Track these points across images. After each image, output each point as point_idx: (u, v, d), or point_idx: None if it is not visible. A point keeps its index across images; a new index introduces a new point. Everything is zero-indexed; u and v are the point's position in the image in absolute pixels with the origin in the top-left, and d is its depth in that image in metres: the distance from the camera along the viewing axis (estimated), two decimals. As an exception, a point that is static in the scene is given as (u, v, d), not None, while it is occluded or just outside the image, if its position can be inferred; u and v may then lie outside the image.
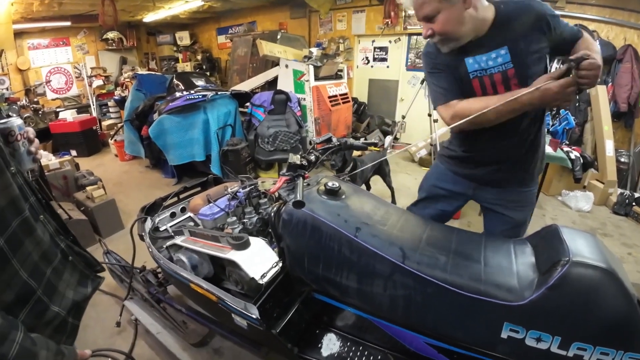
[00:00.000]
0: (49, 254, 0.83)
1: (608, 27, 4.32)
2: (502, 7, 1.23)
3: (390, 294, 1.03)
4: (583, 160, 3.82)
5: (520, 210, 1.46)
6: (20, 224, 0.75)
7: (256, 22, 7.51)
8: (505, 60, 1.24)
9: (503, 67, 1.25)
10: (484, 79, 1.29)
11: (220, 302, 1.20)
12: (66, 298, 0.87)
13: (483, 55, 1.26)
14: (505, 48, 1.23)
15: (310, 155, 1.27)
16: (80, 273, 0.96)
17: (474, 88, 1.31)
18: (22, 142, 0.88)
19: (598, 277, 0.82)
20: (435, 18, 1.17)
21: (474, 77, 1.29)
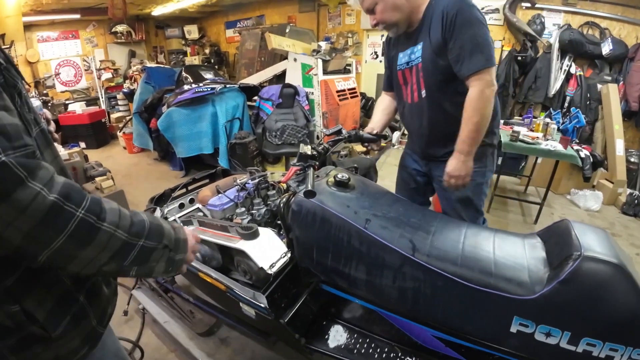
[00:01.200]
0: None
1: (620, 25, 4.26)
2: (433, 3, 1.37)
3: (399, 286, 1.03)
4: (593, 159, 3.78)
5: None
6: None
7: (264, 15, 7.50)
8: (418, 55, 1.42)
9: (416, 61, 1.44)
10: (405, 71, 1.51)
11: (228, 291, 1.21)
12: None
13: (408, 50, 1.47)
14: (421, 44, 1.41)
15: (319, 147, 1.26)
16: None
17: (399, 80, 1.57)
18: None
19: (609, 272, 0.81)
20: (375, 9, 1.38)
21: (399, 69, 1.54)
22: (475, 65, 1.28)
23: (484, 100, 1.31)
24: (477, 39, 1.28)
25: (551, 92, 4.54)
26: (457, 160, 1.40)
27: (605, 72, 4.37)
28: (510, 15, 4.61)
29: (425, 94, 1.47)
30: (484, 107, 1.32)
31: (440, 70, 1.38)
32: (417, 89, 1.50)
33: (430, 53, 1.37)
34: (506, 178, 4.34)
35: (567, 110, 4.48)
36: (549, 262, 0.96)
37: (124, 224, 0.65)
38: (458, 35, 1.28)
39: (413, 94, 1.52)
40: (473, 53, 1.28)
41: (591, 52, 4.32)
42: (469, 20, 1.27)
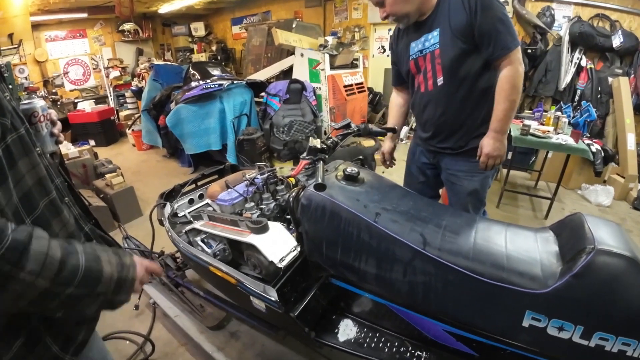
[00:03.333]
0: (74, 237, 0.82)
1: (630, 18, 4.18)
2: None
3: (410, 280, 1.02)
4: (604, 154, 3.71)
5: (470, 179, 1.61)
6: (47, 204, 0.74)
7: (271, 11, 7.48)
8: (435, 41, 1.41)
9: (433, 47, 1.42)
10: (418, 59, 1.50)
11: (239, 285, 1.22)
12: None
13: (422, 37, 1.45)
14: (437, 30, 1.39)
15: (328, 141, 1.26)
16: None
17: (410, 67, 1.56)
18: (45, 123, 0.86)
19: (623, 265, 0.80)
20: (384, 2, 1.37)
21: (412, 58, 1.52)
22: (508, 45, 1.31)
23: (519, 78, 1.35)
24: (504, 20, 1.31)
25: (562, 86, 4.47)
26: (494, 140, 1.42)
27: (616, 65, 4.29)
28: (520, 8, 4.54)
29: (442, 80, 1.46)
30: (520, 85, 1.36)
31: (462, 55, 1.38)
32: (433, 76, 1.48)
33: (451, 37, 1.36)
34: (516, 173, 4.29)
35: (578, 103, 4.40)
36: (561, 255, 0.94)
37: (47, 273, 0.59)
38: (485, 18, 1.29)
39: (427, 81, 1.52)
40: (503, 34, 1.30)
41: (602, 44, 4.24)
42: (491, 3, 1.29)
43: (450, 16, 1.35)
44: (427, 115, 1.63)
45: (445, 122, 1.54)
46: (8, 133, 0.65)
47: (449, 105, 1.52)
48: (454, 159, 1.63)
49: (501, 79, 1.37)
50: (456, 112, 1.51)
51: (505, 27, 1.31)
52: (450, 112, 1.52)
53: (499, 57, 1.34)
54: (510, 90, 1.36)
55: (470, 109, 1.47)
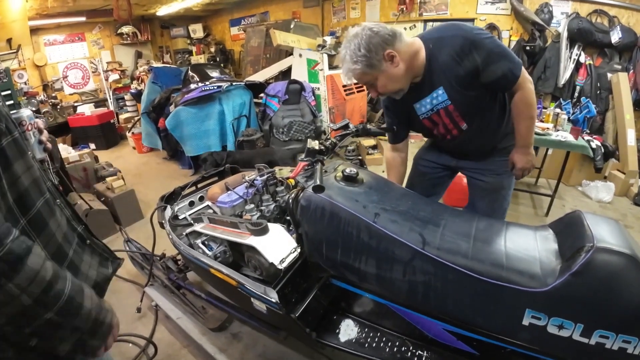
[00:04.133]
0: (68, 236, 0.84)
1: (629, 13, 4.18)
2: (432, 47, 1.34)
3: (410, 280, 1.03)
4: (604, 150, 3.71)
5: (496, 176, 1.61)
6: (43, 204, 0.76)
7: (269, 12, 7.48)
8: (444, 99, 1.39)
9: (444, 104, 1.41)
10: (432, 117, 1.48)
11: (239, 287, 1.22)
12: (89, 278, 0.86)
13: (426, 98, 1.43)
14: (441, 88, 1.38)
15: (327, 142, 1.27)
16: (99, 255, 0.96)
17: (426, 125, 1.54)
18: (32, 131, 0.89)
19: (623, 263, 0.80)
20: (375, 84, 1.34)
21: (423, 118, 1.50)
22: (516, 73, 1.32)
23: (532, 95, 1.39)
24: (500, 51, 1.30)
25: (561, 82, 4.47)
26: (524, 155, 1.49)
27: (615, 61, 4.28)
28: (518, 5, 4.53)
29: (466, 126, 1.48)
30: (533, 100, 1.39)
31: (476, 100, 1.40)
32: (456, 126, 1.49)
33: (459, 91, 1.37)
34: (516, 170, 4.28)
35: (577, 100, 4.40)
36: (561, 253, 0.95)
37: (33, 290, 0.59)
38: (491, 64, 1.29)
39: (451, 131, 1.52)
40: (507, 65, 1.31)
41: (600, 40, 4.23)
42: (482, 42, 1.28)
43: (446, 73, 1.34)
44: (458, 151, 1.65)
45: (477, 149, 1.58)
46: (3, 137, 0.67)
47: (480, 140, 1.55)
48: (479, 160, 1.64)
49: (516, 102, 1.40)
50: (488, 140, 1.55)
51: (504, 57, 1.30)
52: (481, 143, 1.56)
53: (511, 88, 1.37)
54: (526, 110, 1.40)
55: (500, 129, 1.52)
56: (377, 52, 1.25)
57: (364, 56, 1.25)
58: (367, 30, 1.25)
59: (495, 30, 4.86)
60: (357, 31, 1.27)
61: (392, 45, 1.27)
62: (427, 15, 5.44)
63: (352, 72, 1.32)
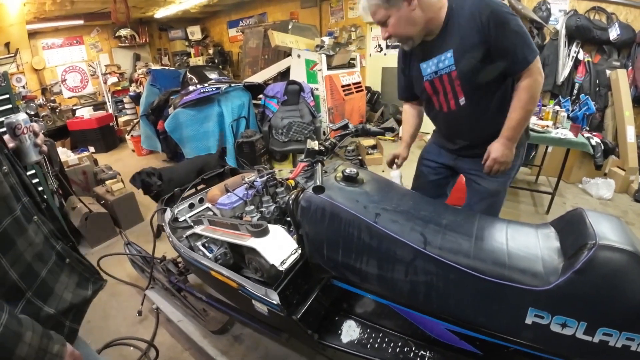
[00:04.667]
0: (44, 255, 0.82)
1: (627, 10, 4.18)
2: (454, 7, 1.31)
3: (411, 280, 1.02)
4: (604, 147, 3.71)
5: (494, 180, 1.57)
6: (11, 222, 0.75)
7: (267, 13, 7.48)
8: (450, 63, 1.36)
9: (448, 69, 1.37)
10: (434, 81, 1.44)
11: (240, 289, 1.21)
12: (63, 300, 0.85)
13: (434, 58, 1.40)
14: (450, 51, 1.34)
15: (326, 142, 1.26)
16: (79, 275, 0.94)
17: (427, 91, 1.50)
18: (28, 135, 0.92)
19: (625, 260, 0.80)
20: (387, 22, 1.31)
21: (426, 80, 1.46)
22: (527, 58, 1.28)
23: (538, 87, 1.33)
24: (520, 32, 1.26)
25: (560, 80, 4.46)
26: (504, 147, 1.40)
27: (614, 58, 4.28)
28: (516, 3, 4.52)
29: (464, 101, 1.43)
30: (537, 95, 1.34)
31: (482, 73, 1.34)
32: (454, 97, 1.44)
33: (467, 58, 1.32)
34: (516, 168, 4.28)
35: (577, 97, 4.39)
36: (563, 251, 0.94)
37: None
38: (500, 35, 1.25)
39: (449, 102, 1.47)
40: (520, 47, 1.27)
41: (599, 37, 4.23)
42: (505, 18, 1.25)
43: (462, 36, 1.30)
44: (452, 132, 1.60)
45: (472, 137, 1.52)
46: None
47: (475, 122, 1.49)
48: (476, 160, 1.57)
49: (519, 88, 1.34)
50: (484, 126, 1.47)
51: (522, 39, 1.27)
52: (477, 128, 1.49)
53: (519, 71, 1.31)
54: (527, 100, 1.33)
55: (497, 119, 1.43)
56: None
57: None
58: None
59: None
60: None
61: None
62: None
63: (369, 2, 1.31)
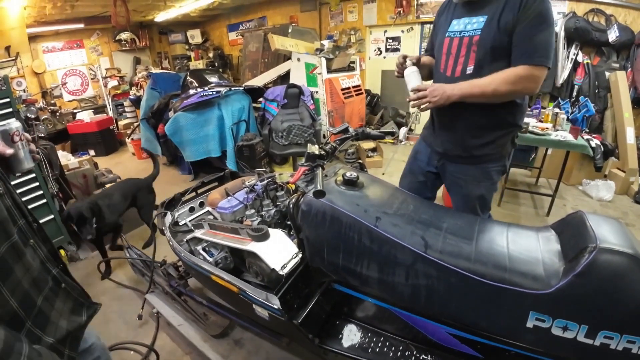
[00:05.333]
0: (40, 281, 0.80)
1: (626, 11, 4.19)
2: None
3: (412, 283, 1.02)
4: (604, 149, 3.72)
5: (477, 184, 1.57)
6: (8, 249, 0.72)
7: (266, 17, 7.50)
8: (478, 27, 1.34)
9: (474, 32, 1.35)
10: (454, 40, 1.42)
11: (241, 293, 1.21)
12: (60, 328, 0.82)
13: (467, 18, 1.38)
14: (485, 17, 1.33)
15: (327, 146, 1.26)
16: (74, 300, 0.91)
17: (443, 47, 1.47)
18: (24, 142, 0.90)
19: (626, 263, 0.80)
20: None
21: (447, 36, 1.44)
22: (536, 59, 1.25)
23: (520, 84, 1.28)
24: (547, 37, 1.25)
25: (559, 82, 4.47)
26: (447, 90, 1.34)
27: (613, 60, 4.29)
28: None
29: (472, 70, 1.37)
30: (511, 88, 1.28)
31: (499, 50, 1.31)
32: (464, 62, 1.39)
33: (495, 29, 1.29)
34: (516, 170, 4.29)
35: (576, 99, 4.40)
36: (564, 254, 0.94)
37: None
38: (530, 25, 1.23)
39: (456, 66, 1.41)
40: (538, 45, 1.24)
41: (598, 39, 4.24)
42: (545, 16, 1.23)
43: (503, 8, 1.27)
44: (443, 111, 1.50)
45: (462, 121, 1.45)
46: None
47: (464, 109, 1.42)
48: (460, 165, 1.58)
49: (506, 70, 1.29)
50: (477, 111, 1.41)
51: (542, 41, 1.24)
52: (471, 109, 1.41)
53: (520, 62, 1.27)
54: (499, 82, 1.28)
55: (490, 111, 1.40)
56: None
57: None
58: None
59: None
60: None
61: None
62: (424, 18, 5.45)
63: None
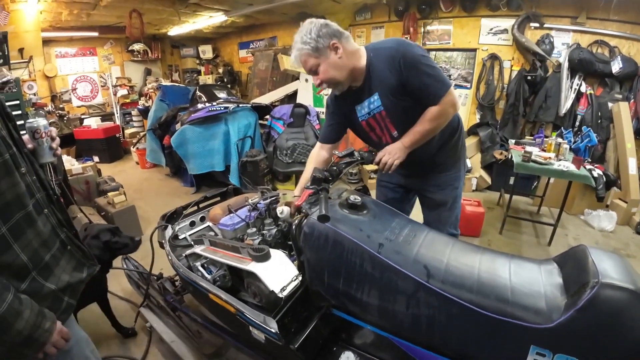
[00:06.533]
0: (49, 242, 0.97)
1: (629, 43, 4.25)
2: (372, 55, 1.47)
3: (413, 313, 1.01)
4: (606, 179, 3.72)
5: (441, 191, 1.76)
6: (23, 216, 0.89)
7: (277, 37, 7.65)
8: (378, 104, 1.52)
9: (377, 109, 1.53)
10: (369, 120, 1.60)
11: (238, 314, 1.20)
12: (62, 280, 0.99)
13: (364, 102, 1.55)
14: (377, 94, 1.50)
15: (332, 168, 1.27)
16: (77, 261, 1.09)
17: (364, 129, 1.65)
18: (45, 139, 1.05)
19: (628, 299, 0.79)
20: (318, 70, 1.45)
21: (362, 120, 1.61)
22: (439, 92, 1.42)
23: (443, 117, 1.48)
24: (430, 71, 1.41)
25: (562, 111, 4.51)
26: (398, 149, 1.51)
27: (616, 91, 4.33)
28: (519, 36, 4.64)
29: (397, 134, 1.58)
30: (442, 121, 1.48)
31: (406, 110, 1.50)
32: (388, 132, 1.60)
33: (391, 99, 1.48)
34: (519, 198, 4.28)
35: (579, 129, 4.43)
36: (566, 288, 0.94)
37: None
38: (414, 76, 1.40)
39: (385, 135, 1.63)
40: (432, 85, 1.41)
41: (601, 70, 4.29)
42: (414, 59, 1.39)
43: (383, 80, 1.46)
44: None
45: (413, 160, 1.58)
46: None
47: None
48: (423, 178, 1.77)
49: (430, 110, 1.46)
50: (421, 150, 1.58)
51: (432, 78, 1.41)
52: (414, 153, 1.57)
53: (433, 104, 1.45)
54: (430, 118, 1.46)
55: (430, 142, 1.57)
56: (325, 40, 1.39)
57: (312, 39, 1.39)
58: (322, 21, 1.42)
59: (497, 60, 4.96)
60: (312, 19, 1.44)
61: (339, 39, 1.42)
62: (430, 45, 5.53)
63: (299, 52, 1.42)
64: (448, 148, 1.70)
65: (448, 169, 1.75)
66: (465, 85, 5.44)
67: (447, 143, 1.69)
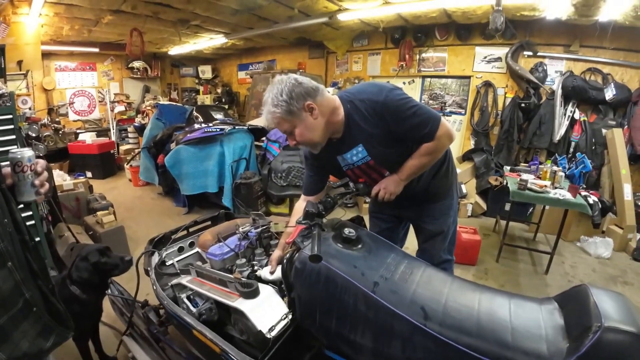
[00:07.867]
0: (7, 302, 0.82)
1: (622, 70, 4.31)
2: (350, 108, 1.39)
3: (409, 356, 0.95)
4: (601, 205, 3.72)
5: (435, 222, 1.72)
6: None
7: (276, 60, 7.78)
8: (364, 155, 1.45)
9: (364, 160, 1.46)
10: (355, 170, 1.53)
11: (223, 354, 1.12)
12: (18, 348, 0.84)
13: (347, 153, 1.48)
14: (360, 145, 1.43)
15: (326, 199, 1.23)
16: (43, 325, 0.91)
17: (350, 174, 1.57)
18: (27, 173, 0.89)
19: (631, 342, 0.77)
20: (293, 132, 1.36)
21: (348, 168, 1.54)
22: (432, 129, 1.35)
23: (440, 150, 1.45)
24: (414, 110, 1.34)
25: (556, 138, 4.55)
26: (395, 183, 1.48)
27: (610, 117, 4.37)
28: (513, 64, 4.73)
29: (388, 173, 1.53)
30: (436, 155, 1.45)
31: (395, 156, 1.45)
32: (380, 175, 1.54)
33: (380, 149, 1.42)
34: (514, 224, 4.25)
35: (573, 155, 4.46)
36: (567, 331, 0.90)
37: None
38: (399, 121, 1.34)
39: (375, 178, 1.56)
40: (422, 125, 1.35)
41: (594, 97, 4.34)
42: (397, 105, 1.33)
43: (365, 130, 1.39)
44: None
45: (406, 193, 1.55)
46: None
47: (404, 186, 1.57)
48: (417, 208, 1.72)
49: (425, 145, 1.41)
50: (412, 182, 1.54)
51: (419, 117, 1.34)
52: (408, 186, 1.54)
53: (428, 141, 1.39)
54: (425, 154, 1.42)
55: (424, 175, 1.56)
56: (298, 101, 1.29)
57: (284, 102, 1.28)
58: (292, 79, 1.32)
59: (491, 87, 5.04)
60: (283, 78, 1.34)
61: (314, 98, 1.32)
62: (425, 72, 5.64)
63: (272, 115, 1.33)
64: (439, 177, 1.66)
65: (440, 197, 1.72)
66: (460, 112, 5.51)
67: (438, 172, 1.65)
